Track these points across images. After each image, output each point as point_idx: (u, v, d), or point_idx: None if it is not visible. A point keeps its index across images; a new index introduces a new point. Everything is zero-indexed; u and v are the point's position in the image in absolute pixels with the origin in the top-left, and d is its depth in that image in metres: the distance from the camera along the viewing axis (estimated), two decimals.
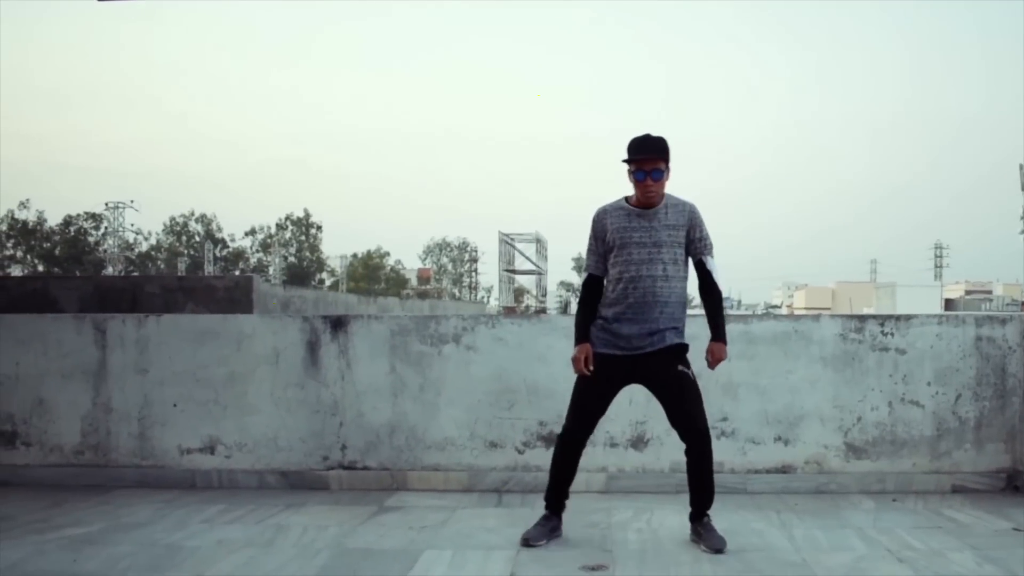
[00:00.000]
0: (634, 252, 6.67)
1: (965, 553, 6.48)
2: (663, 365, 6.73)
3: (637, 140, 6.74)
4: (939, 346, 8.49)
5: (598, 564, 6.23)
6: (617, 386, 6.91)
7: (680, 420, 6.80)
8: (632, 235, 6.69)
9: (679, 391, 6.76)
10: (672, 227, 6.73)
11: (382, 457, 8.61)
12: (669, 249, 6.69)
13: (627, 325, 6.69)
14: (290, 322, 8.82)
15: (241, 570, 6.12)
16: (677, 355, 6.78)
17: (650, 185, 6.67)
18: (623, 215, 6.76)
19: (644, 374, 6.80)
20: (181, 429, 8.74)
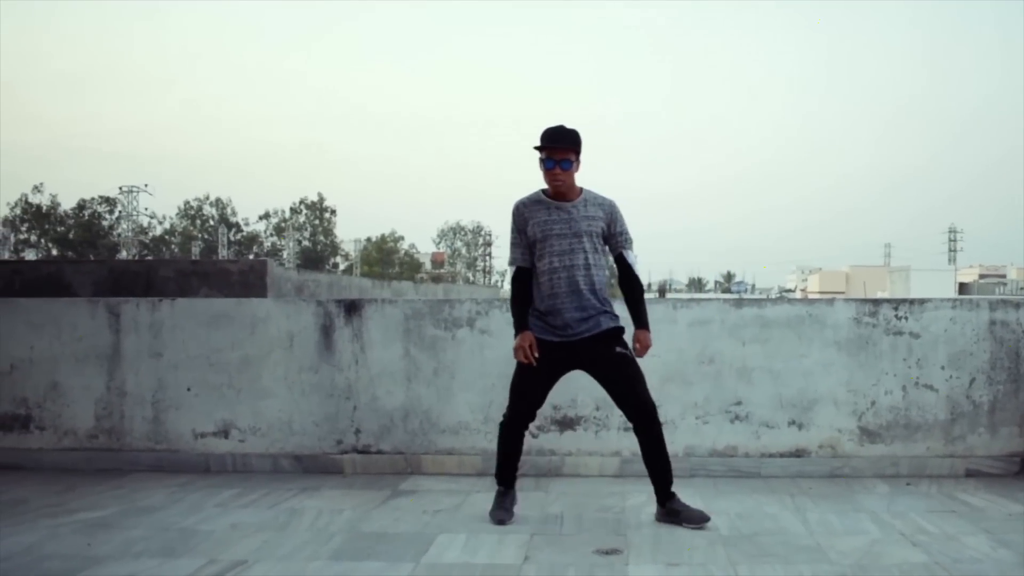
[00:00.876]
0: (555, 244, 6.79)
1: (979, 537, 6.46)
2: (602, 349, 6.84)
3: (550, 130, 6.84)
4: (953, 330, 8.47)
5: (612, 548, 6.23)
6: (558, 372, 7.01)
7: (626, 399, 6.88)
8: (553, 227, 6.81)
9: (622, 372, 6.86)
10: (590, 218, 6.87)
11: (396, 441, 8.61)
12: (589, 239, 6.83)
13: (559, 316, 6.81)
14: (304, 306, 8.81)
15: (255, 554, 6.12)
16: (615, 338, 6.88)
17: (558, 174, 6.78)
18: (542, 208, 6.89)
19: (584, 359, 6.89)
20: (195, 413, 8.74)
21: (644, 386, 6.89)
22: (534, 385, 6.93)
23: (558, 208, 6.82)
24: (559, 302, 6.77)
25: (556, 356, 6.85)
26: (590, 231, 6.81)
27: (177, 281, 16.70)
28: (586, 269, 6.79)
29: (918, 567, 5.81)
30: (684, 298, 9.99)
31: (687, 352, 8.47)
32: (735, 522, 6.88)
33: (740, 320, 8.53)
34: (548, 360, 6.85)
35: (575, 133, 6.85)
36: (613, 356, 6.85)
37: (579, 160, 6.86)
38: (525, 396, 6.94)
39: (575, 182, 6.89)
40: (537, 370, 6.87)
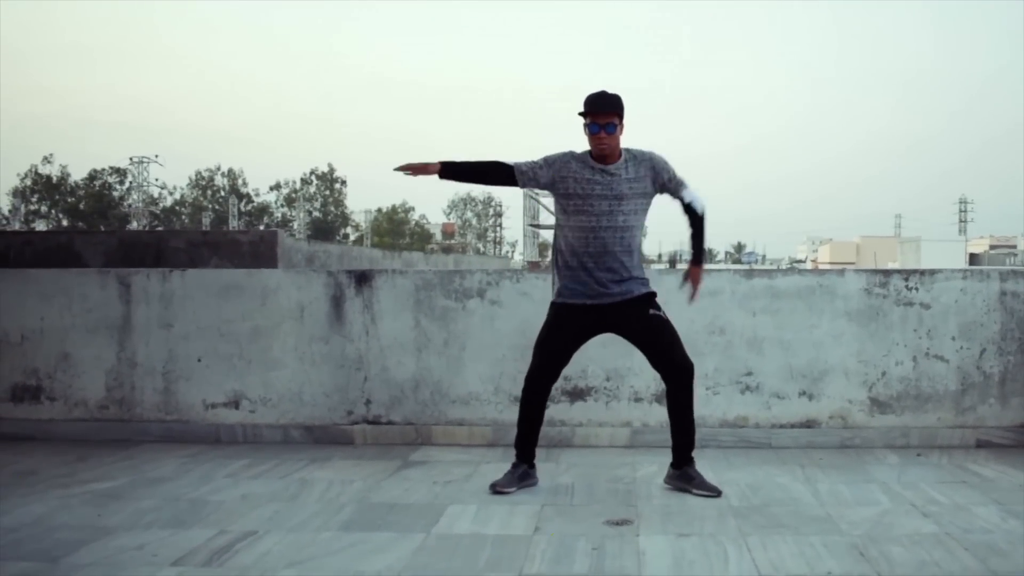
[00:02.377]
0: (596, 204, 6.75)
1: (990, 508, 6.46)
2: (635, 312, 6.84)
3: (593, 96, 6.81)
4: (963, 301, 8.47)
5: (622, 519, 6.22)
6: (586, 335, 6.99)
7: (662, 358, 6.88)
8: (595, 188, 6.77)
9: (657, 332, 6.87)
10: (633, 180, 6.83)
11: (406, 412, 8.62)
12: (630, 201, 6.81)
13: (590, 274, 6.78)
14: (315, 277, 8.81)
15: (266, 525, 6.12)
16: (647, 302, 6.89)
17: (603, 138, 6.75)
18: (587, 168, 6.84)
19: (616, 322, 6.88)
20: (205, 384, 8.76)
21: (681, 346, 6.90)
22: (560, 345, 6.93)
23: (602, 171, 6.79)
24: (591, 261, 6.75)
25: (585, 320, 6.84)
26: (632, 193, 6.80)
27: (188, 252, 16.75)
28: (624, 231, 6.78)
29: (928, 537, 5.81)
30: None
31: (697, 322, 8.44)
32: (745, 493, 6.88)
33: (750, 291, 8.53)
34: (577, 323, 6.85)
35: (618, 97, 6.81)
36: (648, 318, 6.85)
37: (623, 124, 6.83)
38: (549, 354, 6.94)
39: (619, 145, 6.86)
40: (564, 330, 6.89)
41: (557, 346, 6.93)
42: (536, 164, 6.95)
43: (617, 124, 6.75)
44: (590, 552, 5.57)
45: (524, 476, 7.03)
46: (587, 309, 6.81)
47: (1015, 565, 5.33)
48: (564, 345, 6.94)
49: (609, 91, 6.83)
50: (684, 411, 6.93)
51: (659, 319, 6.88)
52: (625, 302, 6.80)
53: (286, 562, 5.43)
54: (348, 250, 28.60)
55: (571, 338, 6.94)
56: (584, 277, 6.79)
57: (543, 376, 6.97)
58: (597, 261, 6.75)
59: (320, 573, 5.26)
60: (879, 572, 5.23)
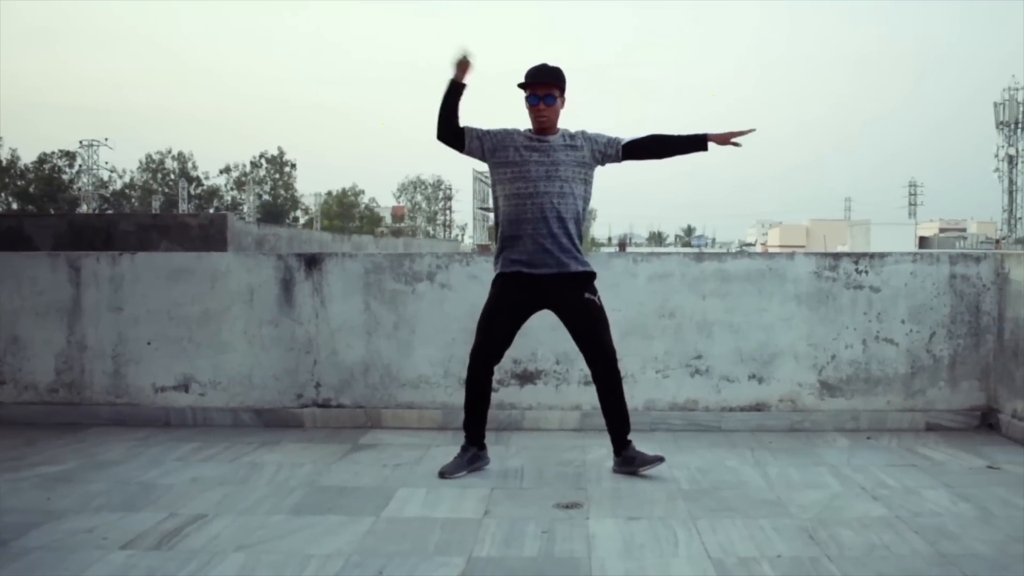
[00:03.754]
0: (532, 169, 6.81)
1: (939, 491, 6.52)
2: (571, 293, 6.88)
3: (533, 68, 6.91)
4: (913, 284, 8.53)
5: (572, 502, 6.25)
6: (527, 309, 7.02)
7: (588, 345, 6.96)
8: (532, 155, 6.83)
9: (587, 318, 6.92)
10: (570, 147, 6.90)
11: (356, 395, 8.63)
12: (567, 168, 6.86)
13: (525, 243, 6.81)
14: (264, 260, 8.81)
15: (215, 508, 6.11)
16: (584, 283, 6.92)
17: (542, 109, 6.84)
18: (526, 139, 6.90)
19: (552, 300, 6.92)
20: (155, 367, 8.74)
21: (607, 333, 6.95)
22: (502, 321, 6.96)
23: (540, 142, 6.85)
24: (530, 227, 6.78)
25: (524, 294, 6.88)
26: (568, 160, 6.85)
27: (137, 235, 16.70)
28: (560, 197, 6.80)
29: (878, 521, 5.85)
30: (644, 252, 10.03)
31: (647, 306, 8.51)
32: (695, 476, 6.92)
33: (700, 274, 8.56)
34: (517, 295, 6.89)
35: (557, 70, 6.89)
36: (581, 302, 6.89)
37: (563, 98, 6.90)
38: (492, 329, 6.97)
39: (558, 119, 6.92)
40: (506, 303, 6.92)
41: (500, 319, 6.95)
42: (482, 131, 6.97)
43: (556, 96, 6.82)
44: (540, 535, 5.59)
45: (474, 459, 7.05)
46: (527, 281, 6.84)
47: (965, 548, 5.37)
48: (507, 319, 6.97)
49: (550, 64, 6.90)
50: (612, 397, 7.00)
51: (593, 304, 6.93)
52: (564, 277, 6.82)
53: (236, 545, 5.42)
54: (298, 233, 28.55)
55: (513, 312, 6.97)
56: (523, 245, 6.81)
57: (487, 353, 6.99)
58: (535, 227, 6.77)
59: (269, 556, 5.25)
60: (828, 555, 5.26)
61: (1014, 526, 5.76)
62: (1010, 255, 8.57)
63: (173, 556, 5.25)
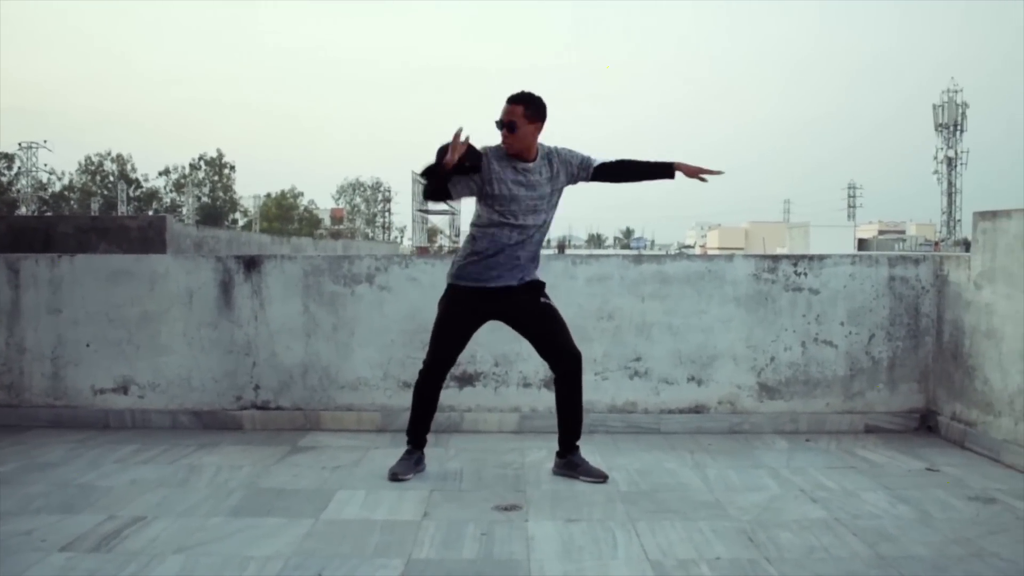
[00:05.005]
0: (523, 203, 6.77)
1: (878, 493, 6.57)
2: (525, 299, 6.90)
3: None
4: (852, 286, 8.59)
5: (511, 504, 6.28)
6: (479, 320, 7.01)
7: (551, 347, 6.95)
8: (520, 190, 6.77)
9: (545, 320, 6.94)
10: (549, 179, 6.88)
11: (295, 397, 8.62)
12: (549, 199, 6.88)
13: (498, 268, 6.80)
14: (203, 262, 8.77)
15: (154, 510, 6.10)
16: (537, 290, 6.95)
17: (504, 136, 6.79)
18: (509, 167, 6.83)
19: (506, 308, 6.93)
20: (94, 369, 8.69)
21: (569, 335, 6.96)
22: (456, 332, 6.94)
23: (524, 170, 6.80)
24: (503, 253, 6.77)
25: (479, 303, 6.86)
26: (551, 191, 6.86)
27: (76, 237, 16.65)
28: (539, 228, 6.85)
29: (817, 523, 5.90)
30: (583, 254, 10.08)
31: (586, 308, 8.52)
32: (634, 478, 6.96)
33: (639, 276, 8.59)
34: (471, 305, 6.88)
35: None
36: (537, 306, 6.92)
37: (533, 121, 6.77)
38: (447, 339, 6.94)
39: (530, 144, 6.83)
40: (460, 313, 6.90)
41: (454, 329, 6.94)
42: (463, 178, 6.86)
43: (519, 122, 6.73)
44: (479, 537, 5.62)
45: (419, 461, 7.08)
46: (478, 294, 6.84)
47: (903, 550, 5.42)
48: (460, 328, 6.96)
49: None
50: (572, 400, 7.00)
51: (549, 308, 6.95)
52: (518, 287, 6.84)
53: (175, 547, 5.41)
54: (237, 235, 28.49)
55: (467, 321, 6.96)
56: (494, 265, 6.80)
57: (441, 363, 6.98)
58: (510, 251, 6.78)
59: (209, 558, 5.25)
60: (767, 557, 5.29)
61: (953, 528, 5.82)
62: (949, 257, 8.62)
63: (112, 558, 5.24)
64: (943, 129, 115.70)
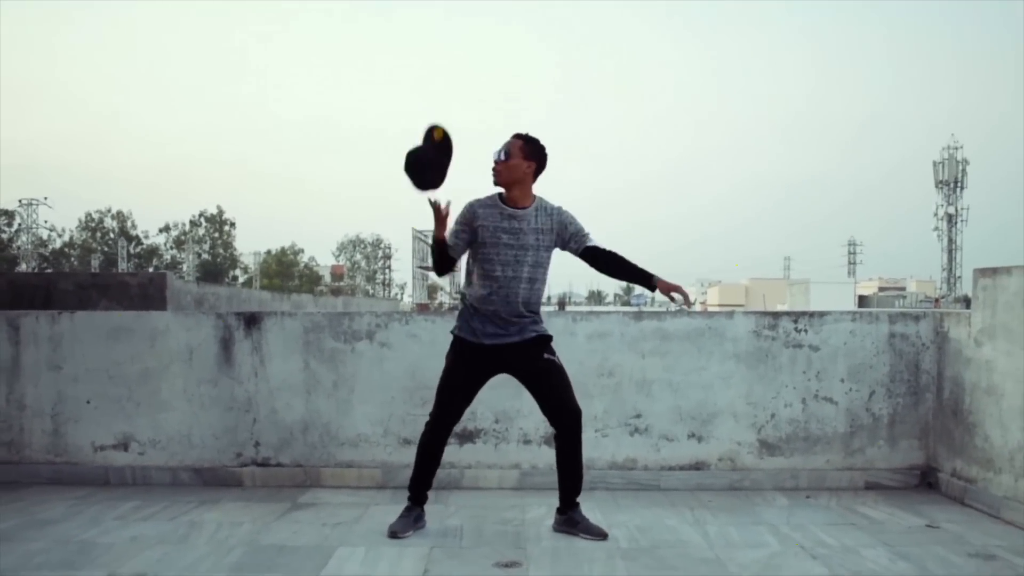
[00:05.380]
0: (502, 252, 6.77)
1: (878, 550, 6.56)
2: (529, 355, 6.88)
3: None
4: (853, 343, 8.58)
5: (511, 561, 6.26)
6: (484, 376, 7.00)
7: (552, 404, 6.92)
8: (502, 236, 6.79)
9: (549, 377, 6.91)
10: (540, 231, 6.87)
11: (296, 454, 8.60)
12: (535, 253, 6.84)
13: (490, 321, 6.81)
14: (204, 319, 8.77)
15: (155, 567, 6.09)
16: (541, 345, 6.92)
17: (497, 163, 6.82)
18: (495, 214, 6.84)
19: (511, 363, 6.91)
20: (95, 426, 8.67)
21: (571, 392, 6.93)
22: (460, 388, 6.93)
23: (511, 216, 6.80)
24: (492, 307, 6.77)
25: (483, 358, 6.85)
26: (538, 245, 6.83)
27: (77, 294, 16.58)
28: (527, 282, 6.81)
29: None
30: (583, 311, 10.07)
31: (586, 364, 8.50)
32: (634, 535, 6.94)
33: (640, 333, 8.59)
34: (475, 363, 6.87)
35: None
36: (541, 363, 6.89)
37: (529, 160, 6.82)
38: (452, 399, 6.92)
39: (523, 180, 6.85)
40: (463, 373, 6.90)
41: (460, 389, 6.93)
42: (457, 231, 6.90)
43: (513, 153, 6.78)
44: None
45: (419, 518, 7.05)
46: (488, 348, 6.82)
47: None
48: (465, 383, 6.94)
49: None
50: (572, 457, 6.97)
51: (553, 364, 6.93)
52: (524, 343, 6.83)
53: None
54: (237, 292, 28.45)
55: (471, 376, 6.94)
56: (489, 320, 6.81)
57: (446, 419, 6.97)
58: (502, 307, 6.77)
59: None
60: None
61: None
62: (949, 314, 8.62)
63: None
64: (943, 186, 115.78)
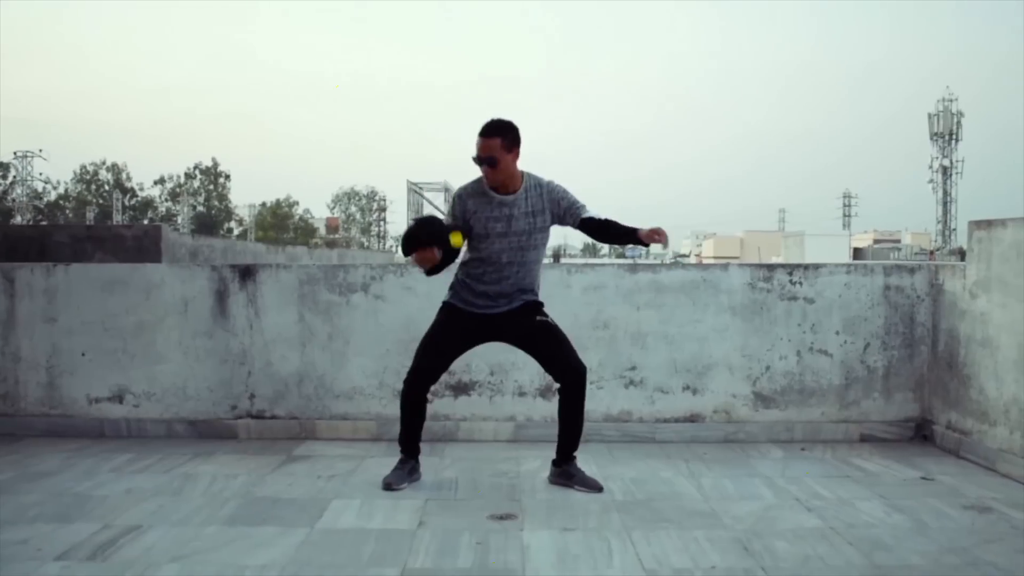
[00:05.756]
0: (495, 242, 6.73)
1: (873, 502, 6.57)
2: (522, 319, 6.86)
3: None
4: (847, 295, 8.59)
5: (506, 513, 6.27)
6: (472, 341, 7.02)
7: (554, 361, 6.91)
8: (495, 226, 6.72)
9: (545, 337, 6.90)
10: (531, 213, 6.77)
11: (290, 406, 8.62)
12: (528, 237, 6.77)
13: (484, 299, 6.81)
14: (198, 271, 8.78)
15: (149, 519, 6.10)
16: (533, 309, 6.91)
17: (486, 172, 6.71)
18: (485, 202, 6.77)
19: (504, 329, 6.92)
20: (90, 378, 8.68)
21: (571, 348, 6.92)
22: (444, 348, 6.93)
23: (501, 203, 6.71)
24: (484, 287, 6.78)
25: (474, 325, 6.86)
26: (531, 228, 6.74)
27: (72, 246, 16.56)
28: (520, 266, 6.78)
29: (812, 532, 5.90)
30: (578, 263, 10.10)
31: (581, 317, 8.51)
32: (629, 487, 6.95)
33: (635, 285, 8.59)
34: (463, 327, 6.87)
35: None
36: (534, 324, 6.87)
37: (511, 150, 6.69)
38: (431, 357, 6.92)
39: (512, 172, 6.74)
40: (453, 333, 6.89)
41: (443, 348, 6.93)
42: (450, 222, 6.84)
43: (498, 156, 6.64)
44: (474, 546, 5.61)
45: (413, 471, 7.05)
46: (473, 317, 6.84)
47: (898, 559, 5.42)
48: (450, 348, 6.96)
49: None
50: (575, 412, 6.96)
51: (546, 324, 6.91)
52: (513, 311, 6.83)
53: (170, 556, 5.40)
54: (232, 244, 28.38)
55: (458, 342, 6.96)
56: (480, 297, 6.81)
57: (423, 378, 6.95)
58: (494, 287, 6.78)
59: (204, 567, 5.24)
60: (763, 566, 5.29)
61: (948, 537, 5.81)
62: (944, 266, 8.64)
63: (108, 567, 5.24)
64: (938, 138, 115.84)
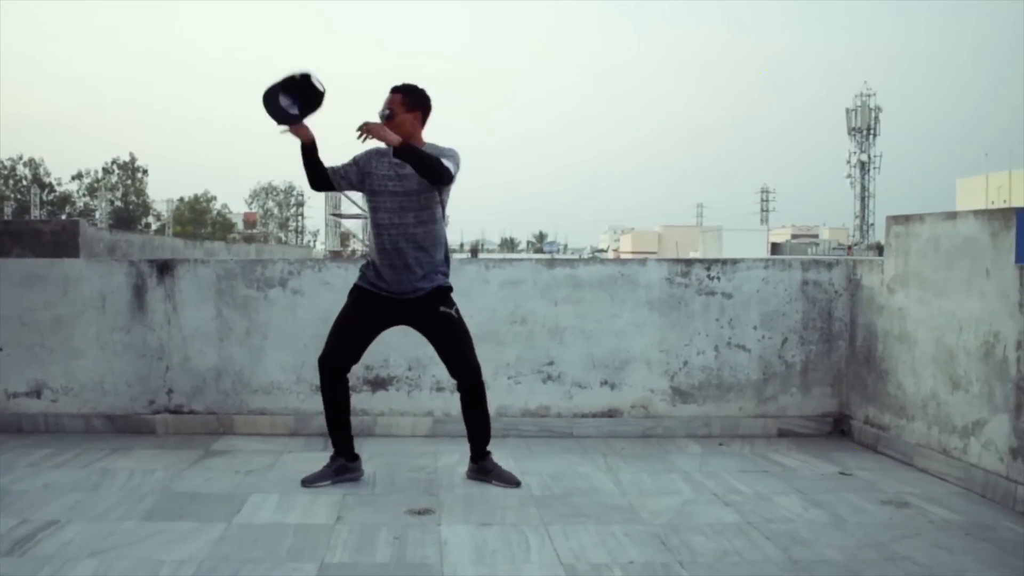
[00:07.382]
0: (387, 201, 6.78)
1: (791, 497, 6.64)
2: (427, 308, 6.85)
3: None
4: (765, 290, 8.66)
5: (424, 508, 6.30)
6: (381, 325, 7.01)
7: (449, 359, 6.97)
8: (388, 184, 6.78)
9: (445, 331, 6.92)
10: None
11: (208, 401, 8.60)
12: (418, 198, 6.76)
13: (388, 270, 6.79)
14: (116, 266, 8.73)
15: (67, 514, 6.07)
16: (439, 298, 6.89)
17: (385, 125, 6.68)
18: (384, 163, 6.82)
19: (409, 315, 6.91)
20: (7, 373, 8.61)
21: (467, 345, 6.94)
22: (354, 332, 6.93)
23: (399, 164, 6.70)
24: (386, 258, 6.76)
25: (380, 308, 6.86)
26: (422, 188, 6.71)
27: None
28: (415, 227, 6.75)
29: (730, 527, 5.95)
30: (496, 258, 10.10)
31: (499, 312, 8.56)
32: (547, 482, 6.99)
33: (552, 280, 8.62)
34: (372, 310, 6.87)
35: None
36: (436, 316, 6.87)
37: (412, 111, 6.79)
38: (340, 338, 6.92)
39: (410, 132, 6.73)
40: (360, 315, 6.90)
41: (353, 330, 6.93)
42: (347, 164, 6.92)
43: (396, 110, 6.73)
44: (392, 541, 5.63)
45: (341, 470, 7.00)
46: (382, 299, 6.84)
47: (816, 554, 5.49)
48: (359, 330, 6.95)
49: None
50: (475, 410, 7.01)
51: (449, 318, 6.91)
52: (419, 297, 6.81)
53: (88, 551, 5.39)
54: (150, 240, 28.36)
55: (366, 323, 6.95)
56: (384, 272, 6.80)
57: (334, 361, 6.93)
58: (393, 258, 6.76)
59: (122, 562, 5.23)
60: (680, 561, 5.33)
61: (865, 532, 5.89)
62: (862, 261, 8.74)
63: (26, 562, 5.23)
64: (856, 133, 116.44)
